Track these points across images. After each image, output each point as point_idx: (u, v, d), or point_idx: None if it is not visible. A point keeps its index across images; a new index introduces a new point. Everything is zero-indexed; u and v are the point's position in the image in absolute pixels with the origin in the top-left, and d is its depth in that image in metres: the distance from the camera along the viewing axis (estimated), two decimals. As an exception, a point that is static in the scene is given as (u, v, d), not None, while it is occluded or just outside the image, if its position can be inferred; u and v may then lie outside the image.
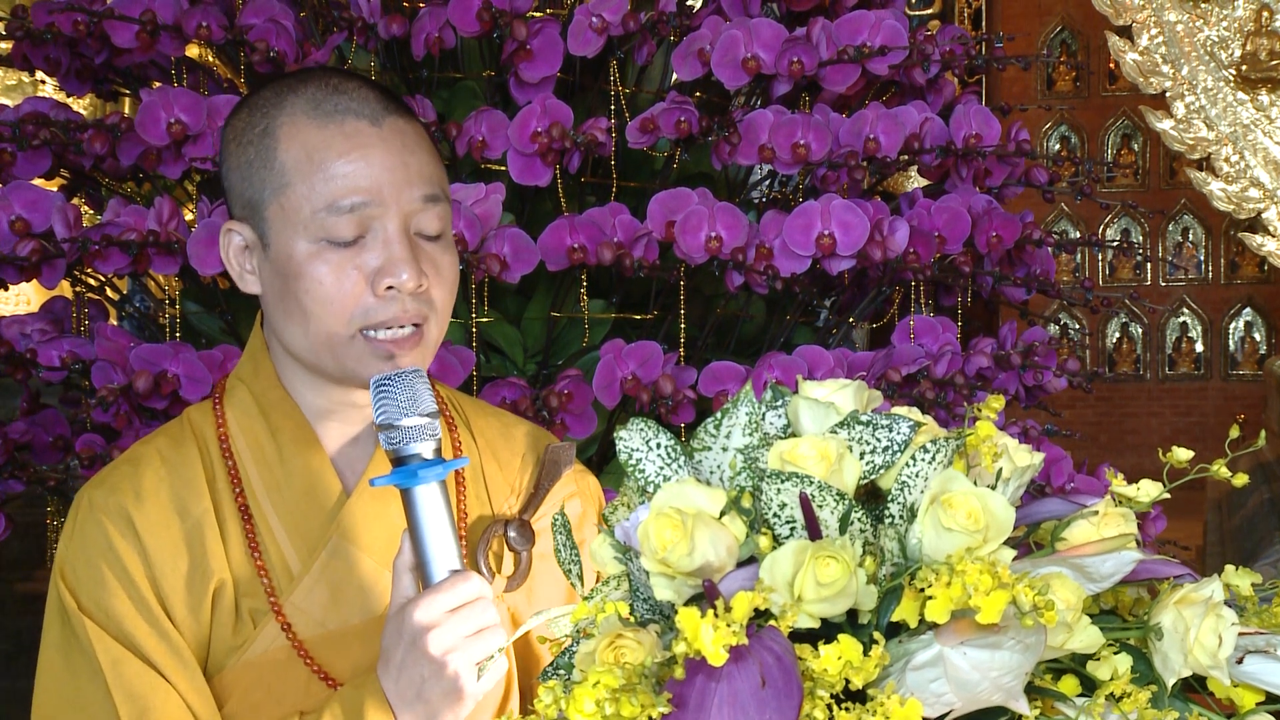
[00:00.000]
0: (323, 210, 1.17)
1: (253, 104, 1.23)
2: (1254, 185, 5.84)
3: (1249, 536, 5.13)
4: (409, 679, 1.10)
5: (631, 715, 0.74)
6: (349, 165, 1.17)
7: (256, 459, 1.26)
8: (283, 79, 1.25)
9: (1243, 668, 0.84)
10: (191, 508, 1.23)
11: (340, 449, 1.28)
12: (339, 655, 1.23)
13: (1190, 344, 10.13)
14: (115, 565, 1.20)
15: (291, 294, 1.19)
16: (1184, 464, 0.91)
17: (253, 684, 1.21)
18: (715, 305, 2.32)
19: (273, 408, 1.27)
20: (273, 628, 1.22)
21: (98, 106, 5.83)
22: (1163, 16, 5.86)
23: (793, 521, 0.84)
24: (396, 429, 1.11)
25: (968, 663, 0.77)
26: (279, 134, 1.20)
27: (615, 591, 0.92)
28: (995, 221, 2.38)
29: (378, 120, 1.20)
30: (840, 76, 2.28)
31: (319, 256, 1.18)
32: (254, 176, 1.21)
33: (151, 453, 1.26)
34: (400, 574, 1.13)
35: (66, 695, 1.19)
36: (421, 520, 1.11)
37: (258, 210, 1.21)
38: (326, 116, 1.19)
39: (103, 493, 1.22)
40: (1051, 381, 2.46)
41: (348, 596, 1.23)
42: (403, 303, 1.18)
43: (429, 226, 1.21)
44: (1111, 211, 9.70)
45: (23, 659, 4.26)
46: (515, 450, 1.37)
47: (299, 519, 1.24)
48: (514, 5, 2.15)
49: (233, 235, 1.24)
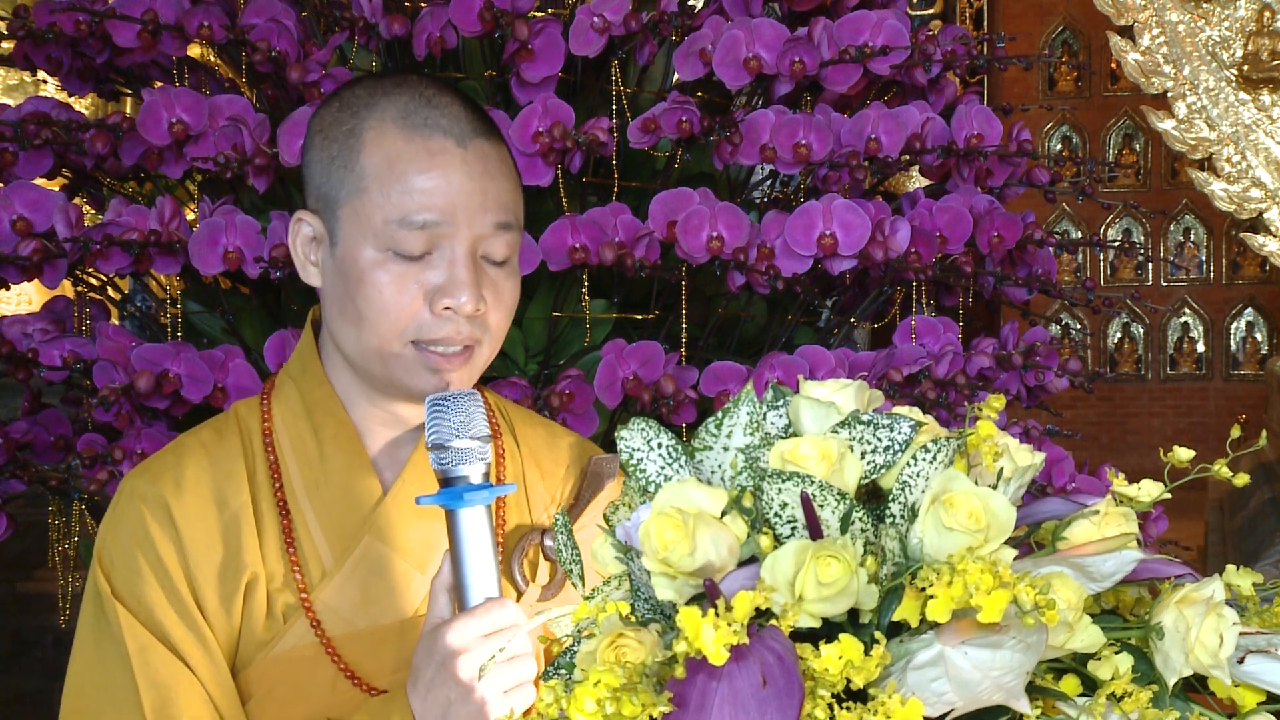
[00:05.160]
0: (395, 222, 1.18)
1: (344, 99, 1.24)
2: (1255, 185, 5.83)
3: (1251, 537, 5.13)
4: (436, 700, 1.10)
5: (632, 714, 0.74)
6: (428, 182, 1.18)
7: (298, 455, 1.27)
8: (379, 79, 1.25)
9: (1244, 667, 0.84)
10: (230, 500, 1.24)
11: (381, 450, 1.29)
12: (366, 655, 1.24)
13: (1192, 344, 10.13)
14: (150, 554, 1.21)
15: (350, 297, 1.21)
16: (1185, 464, 0.91)
17: (279, 679, 1.22)
18: (717, 305, 2.32)
19: (317, 406, 1.28)
20: (302, 624, 1.23)
21: (99, 106, 5.83)
22: (1164, 16, 5.86)
23: (794, 521, 0.84)
24: (447, 450, 1.12)
25: (969, 662, 0.77)
26: (365, 137, 1.20)
27: (616, 591, 0.92)
28: (997, 221, 2.38)
29: (464, 141, 1.20)
30: (842, 76, 2.28)
31: (383, 265, 1.19)
32: (334, 174, 1.22)
33: (195, 444, 1.27)
34: (438, 593, 1.13)
35: (95, 678, 1.21)
36: (463, 543, 1.12)
37: (331, 207, 1.22)
38: (414, 129, 1.20)
39: (144, 481, 1.24)
40: (1053, 382, 2.46)
41: (378, 597, 1.24)
42: (457, 324, 1.20)
43: (496, 252, 1.22)
44: (1113, 212, 9.70)
45: (23, 659, 4.26)
46: (559, 460, 1.38)
47: (335, 517, 1.25)
48: (515, 5, 2.15)
49: (303, 225, 1.25)
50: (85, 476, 1.97)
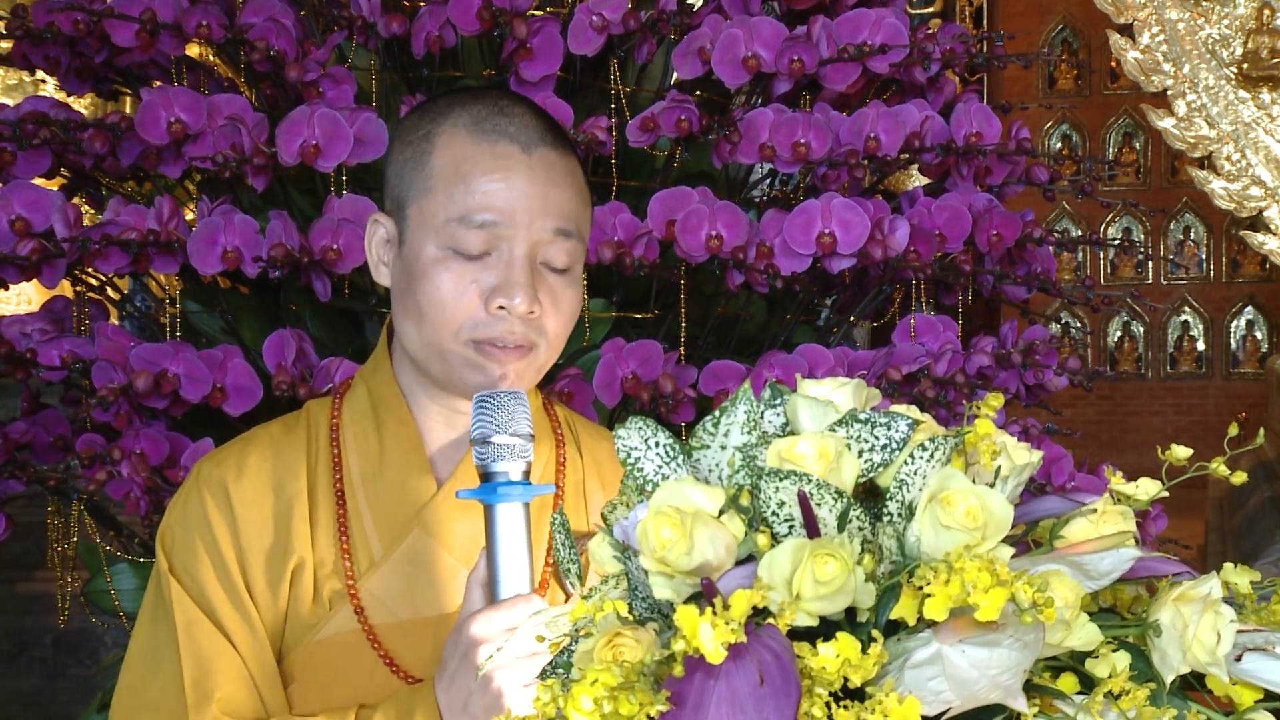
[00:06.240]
0: (456, 221, 1.22)
1: (425, 108, 1.30)
2: (1255, 184, 5.83)
3: (1250, 535, 5.13)
4: (458, 690, 1.13)
5: (630, 713, 0.74)
6: (491, 184, 1.22)
7: (359, 448, 1.31)
8: (459, 91, 1.33)
9: (1241, 665, 0.84)
10: (287, 486, 1.29)
11: (440, 449, 1.32)
12: (407, 645, 1.27)
13: (1192, 343, 10.13)
14: (206, 535, 1.26)
15: (412, 293, 1.25)
16: (1182, 462, 0.91)
17: (321, 664, 1.26)
18: (716, 304, 2.32)
19: (382, 403, 1.32)
20: (346, 611, 1.27)
21: (98, 106, 5.83)
22: (1164, 15, 5.86)
23: (791, 520, 0.84)
24: (488, 445, 1.14)
25: (966, 660, 0.77)
26: (437, 141, 1.25)
27: (614, 590, 0.92)
28: (996, 220, 2.38)
29: (530, 148, 1.24)
30: (841, 75, 2.28)
31: (443, 263, 1.23)
32: (406, 176, 1.27)
33: (264, 434, 1.33)
34: (472, 587, 1.16)
35: (148, 652, 1.26)
36: (498, 538, 1.13)
37: (401, 208, 1.27)
38: (483, 134, 1.24)
39: (209, 465, 1.30)
40: (1052, 380, 2.46)
41: (422, 588, 1.28)
42: (511, 324, 1.23)
43: (557, 259, 1.25)
44: (1113, 210, 9.71)
45: (23, 659, 4.27)
46: (622, 473, 1.40)
47: (389, 509, 1.29)
48: (514, 4, 2.14)
49: (378, 227, 1.31)
50: (84, 476, 1.98)
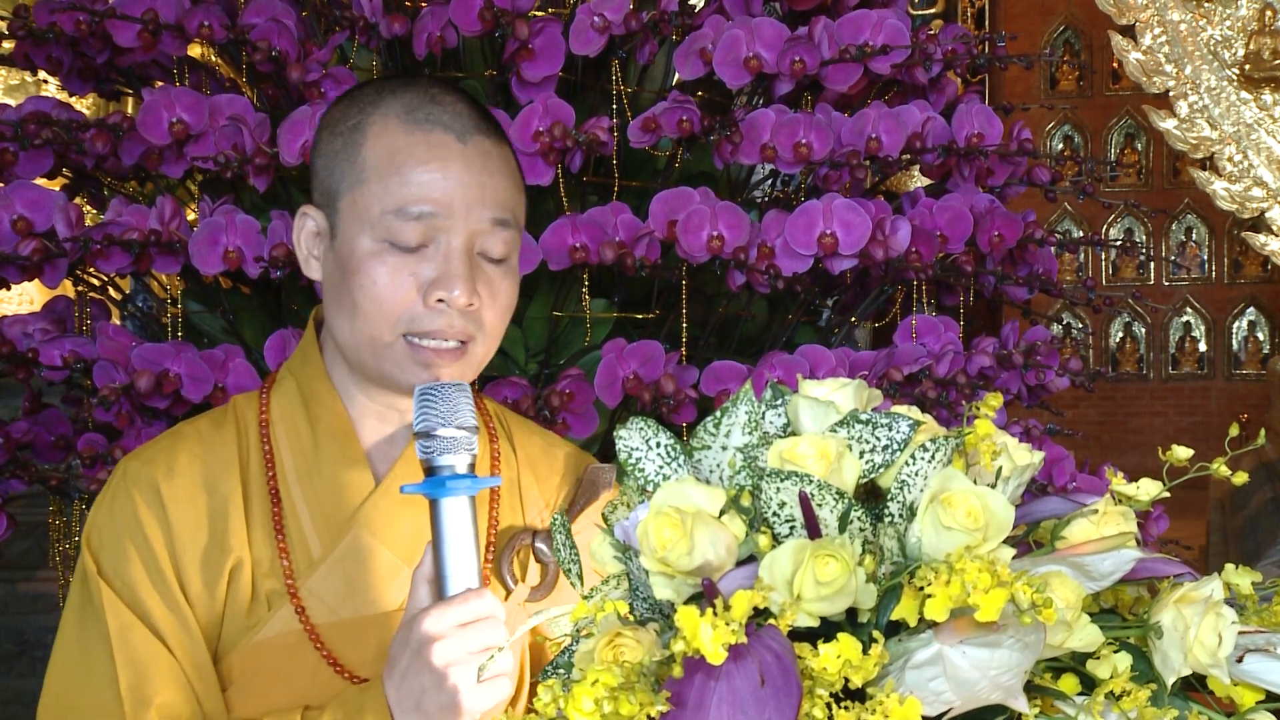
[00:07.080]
0: (391, 213, 1.20)
1: (353, 97, 1.27)
2: (1257, 185, 5.83)
3: (1252, 536, 5.13)
4: (410, 688, 1.10)
5: (630, 714, 0.74)
6: (426, 175, 1.20)
7: (292, 446, 1.28)
8: (388, 79, 1.28)
9: (1242, 666, 0.84)
10: (220, 485, 1.25)
11: (375, 444, 1.30)
12: (350, 644, 1.24)
13: (1193, 343, 10.12)
14: (137, 536, 1.22)
15: (346, 287, 1.22)
16: (1184, 463, 0.91)
17: (261, 666, 1.23)
18: (717, 305, 2.32)
19: (314, 398, 1.29)
20: (286, 610, 1.24)
21: (100, 106, 5.83)
22: (1166, 16, 5.85)
23: (792, 520, 0.84)
24: (432, 438, 1.12)
25: (967, 661, 0.77)
26: (368, 131, 1.23)
27: (615, 590, 0.92)
28: (998, 221, 2.38)
29: (464, 137, 1.22)
30: (842, 76, 2.28)
31: (379, 256, 1.20)
32: (337, 167, 1.24)
33: (191, 431, 1.29)
34: (418, 584, 1.14)
35: (76, 656, 1.22)
36: (445, 533, 1.11)
37: (333, 200, 1.24)
38: (416, 124, 1.22)
39: (137, 464, 1.26)
40: (1054, 381, 2.46)
41: (363, 587, 1.25)
42: (450, 317, 1.21)
43: (493, 249, 1.23)
44: (1114, 211, 9.70)
45: (24, 659, 4.27)
46: (555, 469, 1.39)
47: (326, 507, 1.27)
48: (516, 4, 2.14)
49: (307, 219, 1.28)
50: (86, 476, 1.97)
